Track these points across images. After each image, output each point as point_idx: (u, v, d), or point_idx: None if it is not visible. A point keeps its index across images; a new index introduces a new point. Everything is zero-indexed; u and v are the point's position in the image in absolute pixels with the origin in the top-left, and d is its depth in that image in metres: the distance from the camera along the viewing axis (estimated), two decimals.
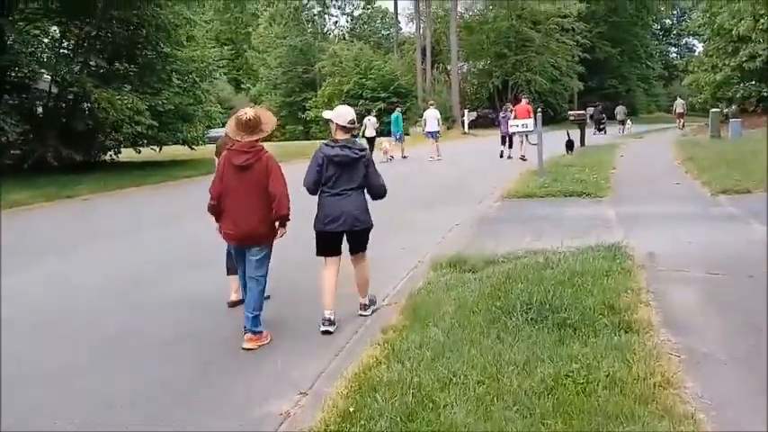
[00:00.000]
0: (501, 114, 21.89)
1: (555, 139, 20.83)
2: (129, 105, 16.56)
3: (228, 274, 6.13)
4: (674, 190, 12.40)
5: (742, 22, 29.60)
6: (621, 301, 5.27)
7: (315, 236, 5.47)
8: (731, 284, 6.00)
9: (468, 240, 8.43)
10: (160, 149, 21.81)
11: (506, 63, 55.96)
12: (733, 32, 30.15)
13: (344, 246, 5.62)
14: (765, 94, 32.07)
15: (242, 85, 69.38)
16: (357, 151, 5.35)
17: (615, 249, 7.12)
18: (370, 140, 23.62)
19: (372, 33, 76.14)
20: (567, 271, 6.09)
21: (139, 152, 21.82)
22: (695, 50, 71.68)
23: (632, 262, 6.72)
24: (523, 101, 21.87)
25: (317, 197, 5.45)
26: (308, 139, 52.73)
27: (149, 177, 17.47)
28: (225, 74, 68.43)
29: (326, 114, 5.54)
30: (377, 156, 20.79)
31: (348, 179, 5.32)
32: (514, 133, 15.02)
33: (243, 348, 5.04)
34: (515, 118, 19.07)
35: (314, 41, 59.83)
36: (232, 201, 5.08)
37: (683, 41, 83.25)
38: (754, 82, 32.27)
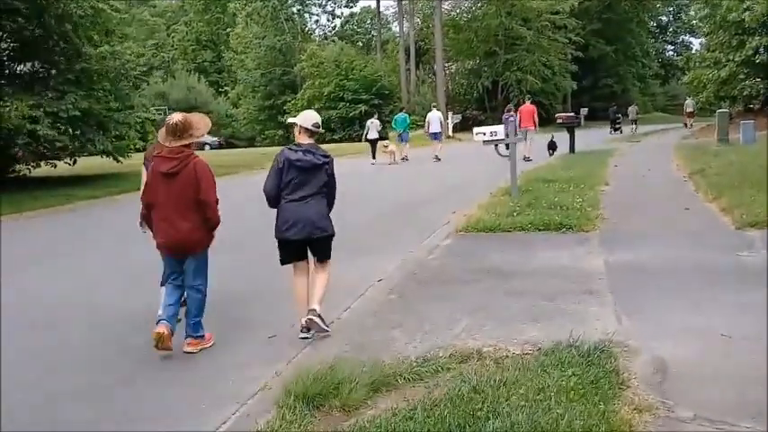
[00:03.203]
0: (504, 116, 20.72)
1: (544, 143, 21.25)
2: (22, 112, 13.56)
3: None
4: (683, 219, 9.40)
5: (748, 11, 26.54)
6: None
7: (276, 244, 5.28)
8: None
9: (370, 326, 5.44)
10: (74, 162, 18.70)
11: (496, 62, 53.14)
12: (742, 21, 26.99)
13: None
14: None
15: (221, 89, 66.43)
16: (321, 157, 5.18)
17: (600, 358, 4.15)
18: (373, 143, 23.80)
19: (363, 34, 73.23)
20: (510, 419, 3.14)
21: (55, 166, 18.79)
22: (692, 48, 68.86)
23: (629, 391, 3.76)
24: (527, 102, 21.87)
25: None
26: (289, 143, 49.81)
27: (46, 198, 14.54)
28: (205, 77, 66.04)
29: (291, 119, 5.42)
30: (381, 158, 22.99)
31: (309, 185, 5.15)
32: (487, 142, 11.98)
33: (184, 351, 5.02)
34: (520, 120, 20.09)
35: (294, 42, 56.71)
36: (162, 209, 4.95)
37: (680, 39, 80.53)
38: (762, 78, 29.23)
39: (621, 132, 37.32)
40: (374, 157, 23.57)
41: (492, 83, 54.13)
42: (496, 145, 12.13)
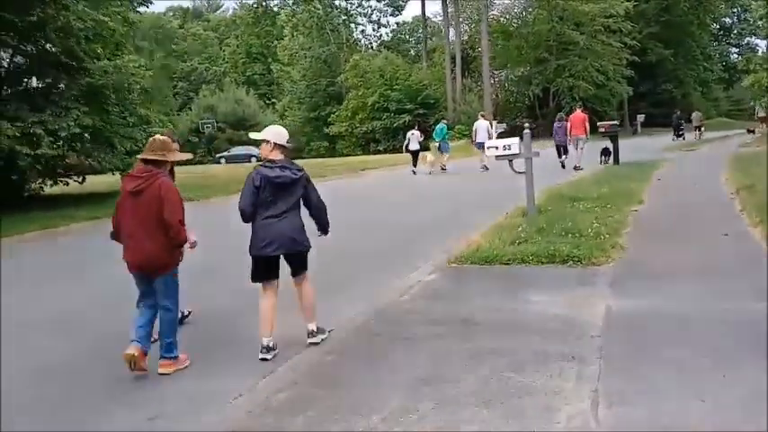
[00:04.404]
0: (555, 124, 21.22)
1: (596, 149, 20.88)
2: (3, 131, 12.92)
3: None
4: (718, 250, 7.86)
5: None
6: None
7: (250, 261, 5.20)
8: None
9: (275, 406, 4.25)
10: (82, 181, 18.12)
11: (547, 69, 51.43)
12: None
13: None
14: None
15: (269, 102, 66.38)
16: (296, 171, 5.14)
17: None
18: (414, 153, 23.80)
19: (412, 43, 72.21)
20: None
21: (67, 184, 18.24)
22: (758, 51, 65.17)
23: None
24: (578, 110, 21.54)
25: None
26: (333, 156, 49.07)
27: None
28: (254, 90, 66.09)
29: (257, 135, 5.25)
30: (421, 168, 23.38)
31: (284, 201, 5.09)
32: (500, 158, 10.71)
33: (159, 373, 4.91)
34: (571, 128, 20.27)
35: (339, 52, 56.06)
36: (128, 228, 4.94)
37: (745, 41, 76.52)
38: None
39: (684, 139, 36.67)
40: (414, 166, 24.03)
41: (543, 90, 52.41)
42: (511, 161, 10.76)
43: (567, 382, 4.21)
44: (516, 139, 10.80)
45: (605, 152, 21.00)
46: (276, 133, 5.21)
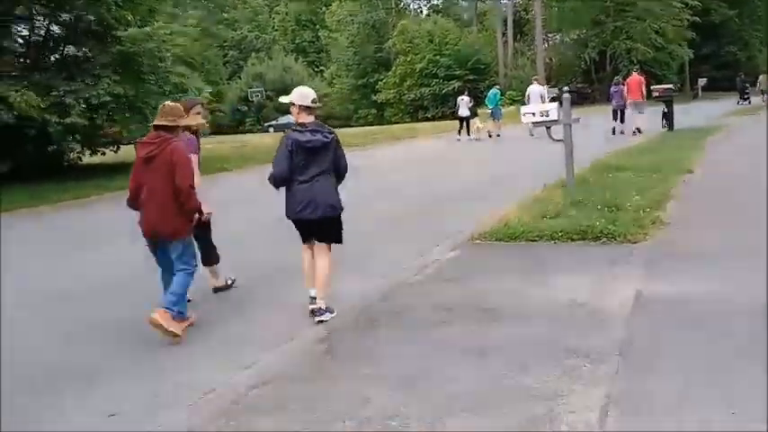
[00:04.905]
0: (612, 88, 20.91)
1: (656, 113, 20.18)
2: (28, 100, 12.80)
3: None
4: None
5: None
6: None
7: (293, 224, 5.20)
8: None
9: (242, 409, 3.82)
10: (117, 150, 18.05)
11: (604, 31, 49.51)
12: None
13: None
14: None
15: (318, 69, 65.83)
16: (327, 135, 5.04)
17: None
18: (464, 119, 23.71)
19: (461, 6, 70.44)
20: None
21: (104, 153, 18.20)
22: None
23: None
24: (635, 73, 21.22)
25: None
26: (382, 124, 48.41)
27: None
28: (303, 57, 65.62)
29: (284, 99, 5.16)
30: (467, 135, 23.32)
31: (317, 165, 5.01)
32: (537, 124, 10.05)
33: (149, 320, 4.77)
34: (628, 92, 19.95)
35: (387, 17, 54.96)
36: (144, 194, 4.89)
37: None
38: None
39: (750, 103, 34.84)
40: (460, 133, 23.95)
41: (599, 53, 50.58)
42: (548, 127, 10.04)
43: (576, 384, 3.64)
44: (554, 105, 10.09)
45: (666, 116, 20.24)
46: (300, 95, 5.08)
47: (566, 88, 9.68)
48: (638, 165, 11.49)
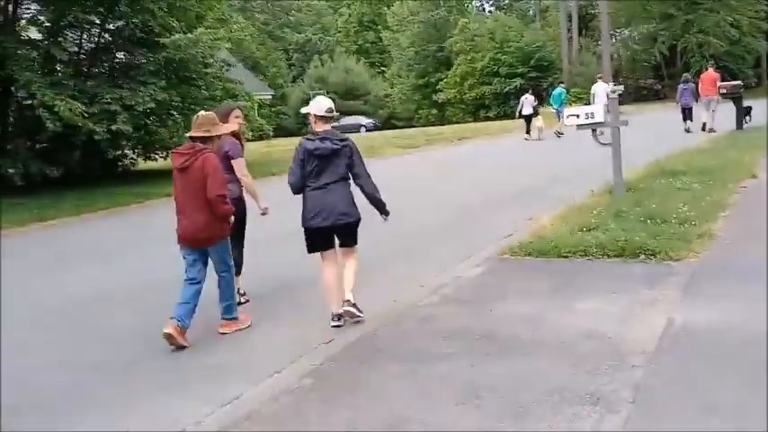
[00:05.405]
0: (681, 86, 20.04)
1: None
2: (72, 108, 12.92)
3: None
4: None
5: None
6: None
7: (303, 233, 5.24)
8: None
9: None
10: (166, 156, 18.10)
11: (674, 25, 47.36)
12: None
13: None
14: None
15: (380, 70, 65.60)
16: (337, 142, 5.11)
17: None
18: (527, 118, 23.46)
19: (528, 5, 69.06)
20: None
21: (156, 160, 18.34)
22: None
23: None
24: (710, 69, 19.96)
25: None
26: (443, 124, 47.77)
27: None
28: (366, 58, 65.57)
29: (303, 110, 5.37)
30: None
31: (331, 172, 5.10)
32: (582, 127, 9.43)
33: (219, 333, 5.20)
34: (701, 88, 19.10)
35: (449, 15, 54.24)
36: (179, 203, 5.11)
37: None
38: None
39: None
40: (528, 133, 23.63)
41: (669, 48, 48.47)
42: (594, 130, 9.41)
43: None
44: (600, 106, 9.46)
45: (746, 111, 19.24)
46: (316, 105, 5.21)
47: (615, 87, 8.99)
48: (697, 168, 10.69)
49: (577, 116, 9.37)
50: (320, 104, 5.20)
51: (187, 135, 5.26)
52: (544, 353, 4.23)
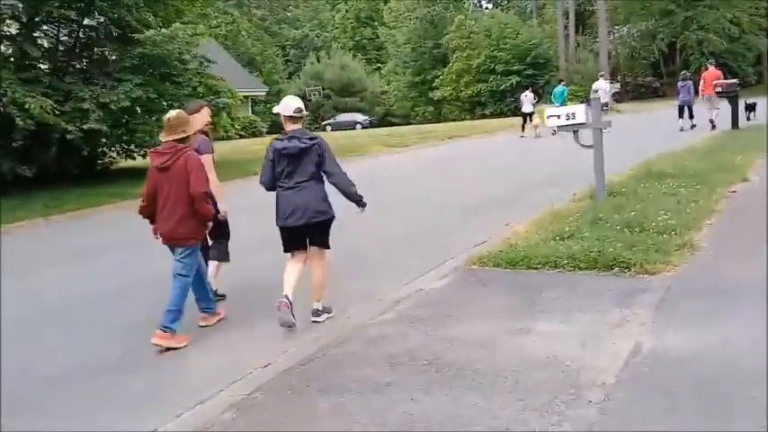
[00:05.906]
0: (679, 83, 19.86)
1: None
2: (43, 106, 12.46)
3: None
4: None
5: None
6: None
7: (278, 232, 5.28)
8: None
9: None
10: (145, 155, 17.58)
11: (673, 22, 46.89)
12: None
13: None
14: None
15: (377, 66, 65.11)
16: (306, 141, 5.11)
17: None
18: (527, 116, 23.34)
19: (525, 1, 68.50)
20: None
21: (134, 158, 17.82)
22: None
23: None
24: (711, 67, 20.01)
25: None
26: (439, 121, 47.24)
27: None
28: (362, 55, 65.03)
29: (274, 109, 5.33)
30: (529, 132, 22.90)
31: (301, 171, 5.12)
32: (563, 128, 9.01)
33: (152, 343, 4.89)
34: (703, 86, 18.91)
35: (445, 12, 53.70)
36: (159, 202, 5.06)
37: None
38: None
39: None
40: (523, 130, 23.57)
41: (668, 45, 48.01)
42: (575, 131, 8.95)
43: None
44: (582, 107, 9.01)
45: (749, 107, 19.39)
46: (285, 105, 5.22)
47: (598, 88, 8.54)
48: (686, 170, 10.25)
49: (558, 117, 8.91)
50: (288, 105, 5.20)
51: (163, 140, 5.12)
52: (493, 384, 3.78)
